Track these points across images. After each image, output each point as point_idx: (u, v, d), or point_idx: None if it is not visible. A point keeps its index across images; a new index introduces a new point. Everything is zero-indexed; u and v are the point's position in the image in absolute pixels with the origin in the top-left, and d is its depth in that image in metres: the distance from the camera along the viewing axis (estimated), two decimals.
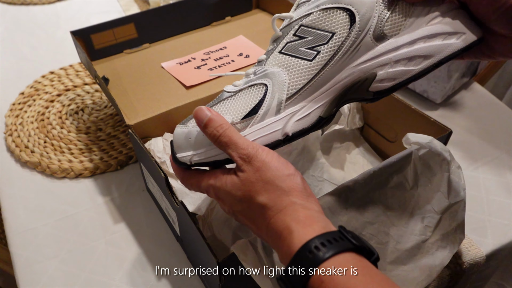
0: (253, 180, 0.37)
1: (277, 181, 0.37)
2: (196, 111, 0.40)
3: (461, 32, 0.38)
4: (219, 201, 0.40)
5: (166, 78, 0.68)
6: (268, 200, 0.36)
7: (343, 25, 0.38)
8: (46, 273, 0.56)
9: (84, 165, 0.69)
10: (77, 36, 0.70)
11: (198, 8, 0.79)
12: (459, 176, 0.49)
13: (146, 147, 0.52)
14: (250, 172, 0.37)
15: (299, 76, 0.39)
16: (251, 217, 0.38)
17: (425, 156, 0.48)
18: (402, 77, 0.39)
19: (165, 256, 0.58)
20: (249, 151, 0.38)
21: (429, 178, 0.48)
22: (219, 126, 0.39)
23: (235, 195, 0.38)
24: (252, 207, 0.37)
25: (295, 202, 0.36)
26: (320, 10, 0.39)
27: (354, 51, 0.39)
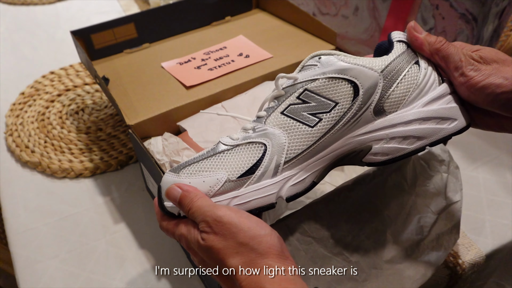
0: (221, 246, 0.36)
1: (252, 243, 0.35)
2: (167, 190, 0.39)
3: (453, 118, 0.40)
4: (190, 251, 0.39)
5: (166, 78, 0.68)
6: (241, 263, 0.35)
7: (347, 97, 0.39)
8: (47, 273, 0.57)
9: (84, 165, 0.70)
10: (77, 36, 0.70)
11: (198, 8, 0.79)
12: (457, 176, 0.50)
13: (146, 147, 0.52)
14: (216, 237, 0.36)
15: (299, 141, 0.40)
16: (221, 278, 0.36)
17: (425, 156, 0.48)
18: (395, 153, 0.40)
19: (165, 256, 0.58)
20: (214, 213, 0.37)
21: (428, 178, 0.49)
22: (190, 201, 0.38)
23: (204, 257, 0.37)
24: (222, 269, 0.36)
25: (271, 264, 0.34)
26: (326, 78, 0.39)
27: (354, 122, 0.40)
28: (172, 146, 0.59)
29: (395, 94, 0.40)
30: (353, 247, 0.46)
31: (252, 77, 0.66)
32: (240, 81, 0.66)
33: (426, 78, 0.40)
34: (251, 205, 0.39)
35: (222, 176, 0.39)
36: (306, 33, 0.76)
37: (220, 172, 0.39)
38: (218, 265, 0.36)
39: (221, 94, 0.65)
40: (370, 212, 0.47)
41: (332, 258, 0.45)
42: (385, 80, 0.39)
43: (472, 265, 0.57)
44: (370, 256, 0.47)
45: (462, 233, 0.60)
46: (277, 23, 0.80)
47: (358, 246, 0.46)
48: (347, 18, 0.82)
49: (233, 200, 0.39)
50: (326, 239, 0.45)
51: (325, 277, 0.44)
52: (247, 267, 0.35)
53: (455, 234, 0.51)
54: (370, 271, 0.47)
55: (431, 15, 0.71)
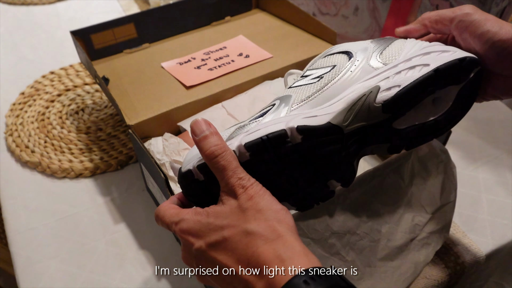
0: (244, 208, 0.35)
1: (270, 211, 0.35)
2: (195, 121, 0.38)
3: (453, 50, 0.40)
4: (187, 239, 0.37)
5: (166, 78, 0.68)
6: (258, 227, 0.34)
7: (343, 60, 0.43)
8: (47, 273, 0.57)
9: (84, 165, 0.70)
10: (77, 36, 0.70)
11: (198, 8, 0.79)
12: (453, 176, 0.50)
13: (146, 147, 0.52)
14: (242, 200, 0.35)
15: (303, 93, 0.42)
16: (230, 248, 0.35)
17: (424, 157, 0.48)
18: (406, 82, 0.39)
19: (165, 256, 0.58)
20: (245, 181, 0.36)
21: (424, 178, 0.49)
22: (220, 146, 0.36)
23: (218, 225, 0.35)
24: (237, 236, 0.34)
25: (289, 233, 0.34)
26: (323, 57, 0.45)
27: (355, 74, 0.41)
28: (173, 146, 0.59)
29: (388, 51, 0.42)
30: (350, 247, 0.46)
31: (252, 77, 0.66)
32: (240, 81, 0.66)
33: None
34: (259, 132, 0.38)
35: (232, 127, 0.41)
36: (306, 33, 0.76)
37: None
38: (232, 232, 0.34)
39: (221, 94, 0.65)
40: (367, 211, 0.47)
41: (329, 258, 0.45)
42: (375, 44, 0.43)
43: (472, 265, 0.57)
44: (365, 254, 0.47)
45: (462, 233, 0.60)
46: (277, 23, 0.80)
47: (354, 245, 0.46)
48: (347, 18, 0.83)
49: (243, 138, 0.38)
50: (324, 240, 0.45)
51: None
52: (265, 232, 0.34)
53: (444, 232, 0.52)
54: (364, 270, 0.47)
55: None
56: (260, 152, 0.38)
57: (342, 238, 0.46)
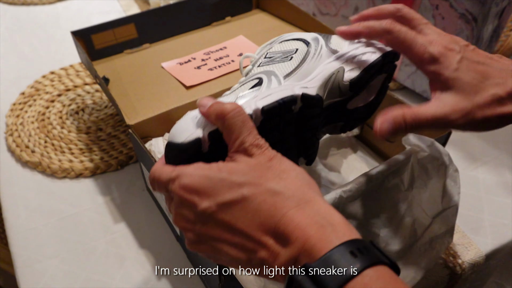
0: (267, 166, 0.31)
1: (295, 172, 0.31)
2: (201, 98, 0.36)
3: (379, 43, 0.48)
4: (187, 199, 0.31)
5: (166, 78, 0.68)
6: (286, 188, 0.30)
7: (302, 45, 0.47)
8: (47, 273, 0.57)
9: (84, 165, 0.70)
10: (78, 36, 0.70)
11: (198, 8, 0.79)
12: (455, 180, 0.49)
13: (146, 147, 0.52)
14: (262, 159, 0.31)
15: (284, 69, 0.45)
16: (251, 209, 0.30)
17: (424, 160, 0.47)
18: (364, 64, 0.45)
19: (165, 256, 0.58)
20: (262, 142, 0.33)
21: (425, 181, 0.48)
22: (235, 105, 0.34)
23: (234, 181, 0.30)
24: (260, 195, 0.30)
25: (320, 198, 0.30)
26: (279, 43, 0.49)
27: (319, 55, 0.46)
28: None
29: (334, 41, 0.48)
30: None
31: None
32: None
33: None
34: (274, 96, 0.40)
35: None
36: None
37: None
38: (254, 191, 0.30)
39: (221, 94, 0.65)
40: (366, 214, 0.46)
41: None
42: (321, 35, 0.49)
43: (472, 265, 0.57)
44: None
45: (462, 233, 0.60)
46: (277, 23, 0.81)
47: None
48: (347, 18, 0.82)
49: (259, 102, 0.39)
50: None
51: None
52: (293, 194, 0.30)
53: (448, 237, 0.51)
54: None
55: (431, 15, 0.71)
56: (272, 117, 0.39)
57: None
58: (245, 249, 0.30)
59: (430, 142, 0.48)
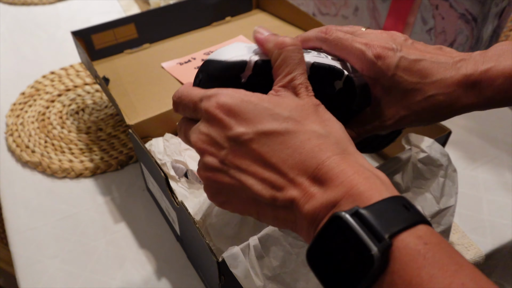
0: (314, 110, 0.29)
1: (339, 125, 0.30)
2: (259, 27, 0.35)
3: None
4: (227, 117, 0.29)
5: (166, 78, 0.68)
6: (332, 136, 0.28)
7: None
8: (47, 273, 0.57)
9: (84, 165, 0.70)
10: (78, 36, 0.70)
11: (198, 8, 0.79)
12: (454, 180, 0.49)
13: (146, 147, 0.52)
14: (309, 102, 0.30)
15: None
16: (292, 144, 0.28)
17: (424, 160, 0.48)
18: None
19: (165, 256, 0.58)
20: (311, 86, 0.31)
21: (423, 182, 0.49)
22: (297, 42, 0.33)
23: (279, 113, 0.28)
24: (305, 134, 0.28)
25: (361, 154, 0.29)
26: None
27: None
28: (174, 146, 0.59)
29: None
30: None
31: None
32: None
33: None
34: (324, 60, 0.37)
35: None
36: None
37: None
38: (297, 127, 0.28)
39: None
40: None
41: None
42: None
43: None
44: None
45: (462, 233, 0.60)
46: (277, 23, 0.81)
47: None
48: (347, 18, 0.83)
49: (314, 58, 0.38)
50: None
51: (314, 279, 0.44)
52: (337, 143, 0.28)
53: (445, 237, 0.51)
54: None
55: (431, 15, 0.71)
56: (316, 79, 0.36)
57: None
58: (273, 186, 0.28)
59: (430, 142, 0.48)
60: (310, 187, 0.27)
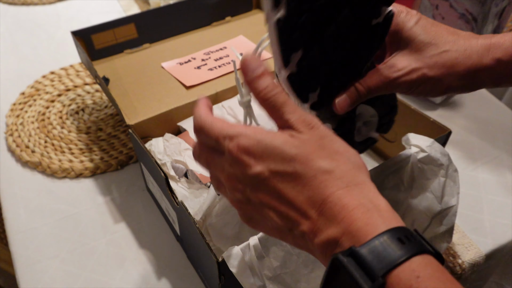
0: (319, 144, 0.30)
1: (347, 154, 0.31)
2: (248, 58, 0.33)
3: None
4: (248, 157, 0.31)
5: (166, 78, 0.68)
6: (337, 169, 0.30)
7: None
8: (47, 273, 0.57)
9: (84, 165, 0.70)
10: (78, 36, 0.70)
11: (198, 8, 0.79)
12: (455, 180, 0.49)
13: (146, 147, 0.52)
14: (313, 136, 0.31)
15: None
16: (301, 182, 0.30)
17: (424, 160, 0.48)
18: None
19: (165, 256, 0.58)
20: (310, 118, 0.32)
21: (424, 182, 0.48)
22: (274, 86, 0.32)
23: (287, 153, 0.30)
24: (312, 171, 0.29)
25: (370, 182, 0.30)
26: None
27: None
28: (174, 146, 0.59)
29: None
30: None
31: None
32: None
33: None
34: None
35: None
36: None
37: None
38: (303, 165, 0.30)
39: (221, 94, 0.65)
40: None
41: None
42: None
43: (472, 265, 0.57)
44: None
45: (462, 233, 0.60)
46: None
47: None
48: None
49: None
50: None
51: (316, 280, 0.44)
52: (344, 175, 0.30)
53: (447, 238, 0.51)
54: None
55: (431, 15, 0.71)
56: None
57: None
58: (289, 219, 0.30)
59: (430, 142, 0.48)
60: (318, 222, 0.29)
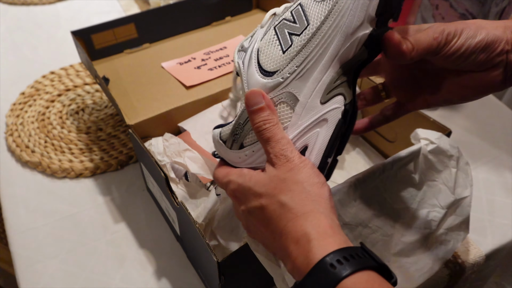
0: (282, 178, 0.35)
1: (306, 184, 0.35)
2: (251, 92, 0.38)
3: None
4: (235, 199, 0.39)
5: (166, 78, 0.68)
6: (291, 200, 0.34)
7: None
8: (47, 273, 0.57)
9: (84, 165, 0.70)
10: (78, 36, 0.70)
11: (198, 8, 0.79)
12: (467, 172, 0.50)
13: (146, 147, 0.52)
14: (282, 170, 0.36)
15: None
16: (266, 217, 0.35)
17: (434, 151, 0.48)
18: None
19: (165, 256, 0.58)
20: (288, 152, 0.36)
21: (437, 173, 0.49)
22: (267, 120, 0.37)
23: (257, 191, 0.36)
24: (272, 205, 0.35)
25: (318, 209, 0.34)
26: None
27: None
28: (173, 147, 0.59)
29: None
30: (362, 239, 0.46)
31: None
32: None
33: None
34: None
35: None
36: None
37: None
38: (268, 201, 0.35)
39: (221, 94, 0.65)
40: (380, 205, 0.47)
41: None
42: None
43: (472, 265, 0.57)
44: (378, 249, 0.47)
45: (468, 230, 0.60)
46: None
47: (367, 238, 0.46)
48: None
49: None
50: None
51: None
52: (296, 205, 0.34)
53: (464, 229, 0.52)
54: None
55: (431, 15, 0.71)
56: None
57: (354, 230, 0.46)
58: (270, 247, 0.37)
59: (438, 135, 0.49)
60: (280, 255, 0.35)
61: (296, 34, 0.38)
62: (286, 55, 0.38)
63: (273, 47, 0.39)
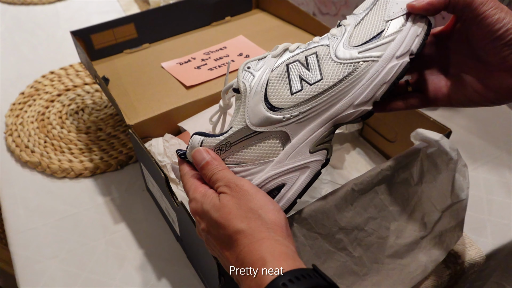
0: (235, 206, 0.37)
1: (261, 211, 0.37)
2: (196, 152, 0.41)
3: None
4: (196, 217, 0.40)
5: (166, 78, 0.68)
6: (247, 227, 0.36)
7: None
8: (46, 273, 0.57)
9: (84, 165, 0.70)
10: (77, 36, 0.70)
11: (198, 8, 0.79)
12: (464, 175, 0.50)
13: (146, 147, 0.52)
14: (233, 198, 0.38)
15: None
16: (224, 241, 0.37)
17: (433, 154, 0.48)
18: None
19: (165, 256, 0.58)
20: (236, 180, 0.39)
21: (434, 176, 0.49)
22: (216, 168, 0.40)
23: (212, 216, 0.38)
24: (228, 231, 0.36)
25: (274, 237, 0.35)
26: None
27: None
28: (174, 147, 0.59)
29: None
30: (357, 242, 0.46)
31: None
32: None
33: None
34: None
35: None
36: (306, 33, 0.76)
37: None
38: (224, 228, 0.36)
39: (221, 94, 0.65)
40: (376, 207, 0.47)
41: (336, 253, 0.45)
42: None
43: (472, 265, 0.57)
44: (373, 251, 0.47)
45: (462, 233, 0.60)
46: (277, 23, 0.81)
47: (362, 241, 0.46)
48: None
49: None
50: (332, 234, 0.45)
51: (327, 271, 0.44)
52: (252, 232, 0.35)
53: (458, 232, 0.52)
54: (371, 266, 0.47)
55: None
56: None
57: (349, 234, 0.46)
58: (227, 267, 0.37)
59: (439, 137, 0.48)
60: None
61: (307, 82, 0.41)
62: (293, 97, 0.40)
63: (283, 85, 0.41)
